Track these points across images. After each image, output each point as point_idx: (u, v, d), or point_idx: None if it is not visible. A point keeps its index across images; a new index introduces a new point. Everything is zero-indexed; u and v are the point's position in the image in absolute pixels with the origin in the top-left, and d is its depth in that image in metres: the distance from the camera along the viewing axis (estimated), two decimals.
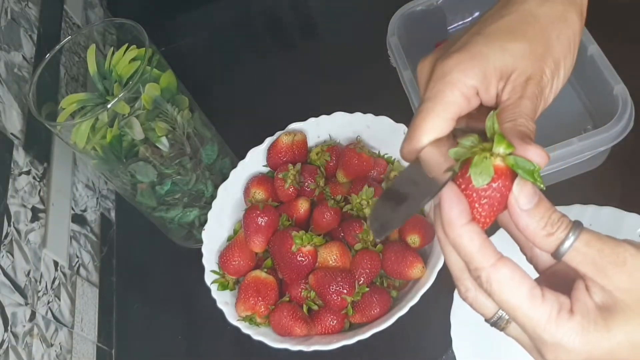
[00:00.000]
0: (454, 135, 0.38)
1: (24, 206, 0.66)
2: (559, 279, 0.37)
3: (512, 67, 0.37)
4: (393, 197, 0.40)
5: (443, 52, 0.40)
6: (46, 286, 0.66)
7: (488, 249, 0.34)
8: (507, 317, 0.36)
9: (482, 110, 0.39)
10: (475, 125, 0.39)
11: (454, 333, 0.62)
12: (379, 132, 0.72)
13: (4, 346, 0.57)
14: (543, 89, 0.38)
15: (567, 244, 0.33)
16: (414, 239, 0.64)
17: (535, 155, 0.33)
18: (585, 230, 0.34)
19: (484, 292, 0.35)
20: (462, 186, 0.35)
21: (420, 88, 0.41)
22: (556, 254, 0.34)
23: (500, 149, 0.33)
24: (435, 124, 0.37)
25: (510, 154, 0.34)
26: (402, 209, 0.37)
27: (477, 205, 0.35)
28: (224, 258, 0.67)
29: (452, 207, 0.34)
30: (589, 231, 0.34)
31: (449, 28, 0.84)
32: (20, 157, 0.68)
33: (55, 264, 0.69)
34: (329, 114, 0.74)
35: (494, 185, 0.34)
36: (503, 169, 0.34)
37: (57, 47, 0.65)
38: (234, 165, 0.73)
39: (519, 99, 0.37)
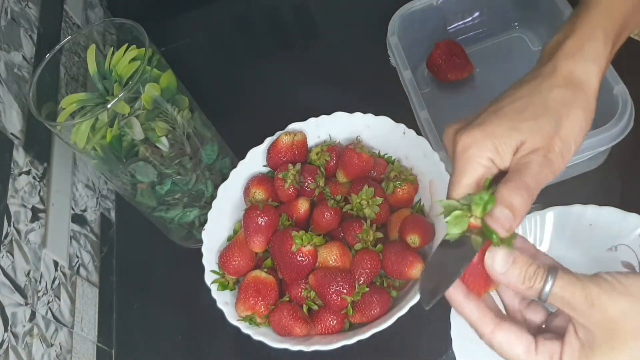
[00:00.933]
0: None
1: (24, 206, 0.66)
2: (562, 323, 0.44)
3: (521, 141, 0.44)
4: (435, 265, 0.47)
5: (464, 125, 0.47)
6: (46, 286, 0.66)
7: (485, 318, 0.43)
8: None
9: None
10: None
11: (454, 333, 0.62)
12: (379, 132, 0.72)
13: (4, 346, 0.57)
14: (552, 160, 0.43)
15: (545, 291, 0.40)
16: (414, 239, 0.64)
17: (496, 225, 0.41)
18: (560, 276, 0.40)
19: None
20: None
21: (447, 151, 0.49)
22: (541, 299, 0.40)
23: (476, 211, 0.42)
24: (462, 189, 0.45)
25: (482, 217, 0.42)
26: (446, 275, 0.43)
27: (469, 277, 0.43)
28: (224, 258, 0.67)
29: (448, 292, 0.43)
30: (564, 275, 0.40)
31: (448, 28, 0.84)
32: (20, 157, 0.68)
33: (55, 264, 0.69)
34: (329, 114, 0.74)
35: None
36: (477, 226, 0.42)
37: (57, 47, 0.65)
38: (234, 165, 0.73)
39: (527, 163, 0.43)
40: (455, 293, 0.43)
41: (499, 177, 0.45)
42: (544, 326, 0.45)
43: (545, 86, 0.46)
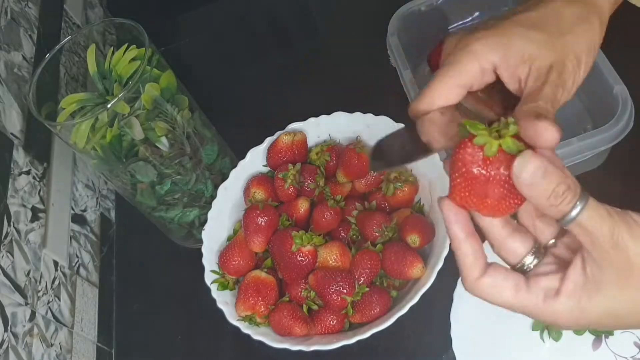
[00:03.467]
0: (458, 110, 0.41)
1: (24, 206, 0.66)
2: (569, 249, 0.40)
3: (534, 54, 0.39)
4: (384, 150, 0.45)
5: (471, 30, 0.42)
6: (46, 286, 0.66)
7: (477, 262, 0.39)
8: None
9: (492, 95, 0.42)
10: (481, 108, 0.42)
11: (454, 333, 0.62)
12: (379, 132, 0.72)
13: (4, 346, 0.57)
14: (566, 80, 0.40)
15: (570, 215, 0.35)
16: (414, 239, 0.64)
17: (543, 129, 0.35)
18: (591, 206, 0.35)
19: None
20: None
21: (442, 58, 0.43)
22: (560, 222, 0.36)
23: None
24: (447, 90, 0.40)
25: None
26: (396, 158, 0.43)
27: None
28: (223, 258, 0.67)
29: (451, 224, 0.39)
30: (595, 206, 0.35)
31: (448, 28, 0.84)
32: (20, 157, 0.68)
33: (55, 263, 0.69)
34: (329, 114, 0.74)
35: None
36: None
37: (57, 47, 0.65)
38: (234, 165, 0.73)
39: (541, 85, 0.38)
40: (458, 229, 0.39)
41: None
42: (552, 241, 0.41)
43: (560, 1, 0.42)
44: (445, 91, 0.40)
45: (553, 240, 0.41)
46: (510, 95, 0.41)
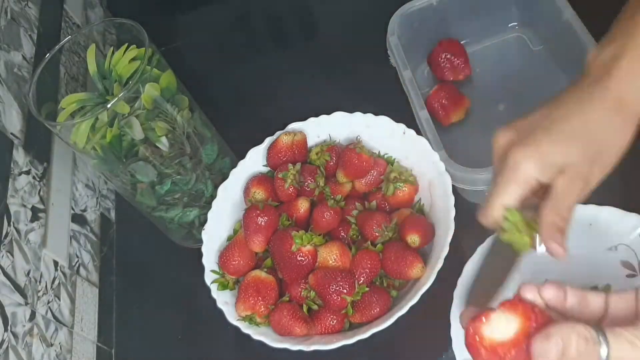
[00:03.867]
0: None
1: (24, 206, 0.66)
2: None
3: (568, 164, 0.46)
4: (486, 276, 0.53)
5: (517, 136, 0.48)
6: (46, 286, 0.66)
7: None
8: None
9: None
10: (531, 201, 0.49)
11: (454, 333, 0.62)
12: (378, 132, 0.72)
13: (4, 346, 0.57)
14: (589, 184, 0.47)
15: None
16: (413, 239, 0.64)
17: (557, 249, 0.45)
18: (613, 347, 0.36)
19: None
20: None
21: (494, 158, 0.50)
22: None
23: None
24: (507, 201, 0.48)
25: None
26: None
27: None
28: (223, 258, 0.67)
29: None
30: (617, 345, 0.36)
31: (448, 28, 0.84)
32: (20, 156, 0.68)
33: (55, 263, 0.69)
34: (329, 114, 0.74)
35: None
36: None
37: (57, 47, 0.65)
38: (234, 165, 0.73)
39: (566, 193, 0.46)
40: None
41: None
42: None
43: (598, 109, 0.47)
44: (503, 206, 0.48)
45: None
46: None
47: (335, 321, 0.63)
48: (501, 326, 0.37)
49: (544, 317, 0.38)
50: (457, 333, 0.62)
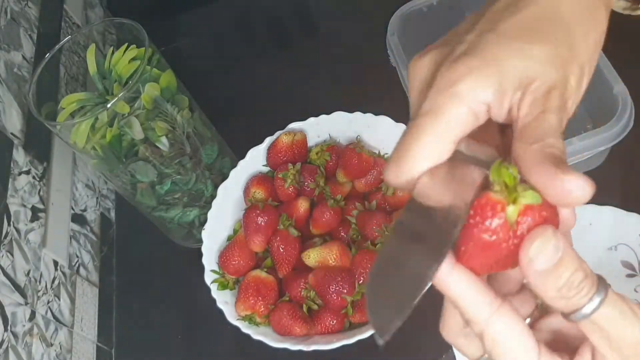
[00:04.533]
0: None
1: (24, 206, 0.66)
2: (561, 335, 0.33)
3: (534, 75, 0.30)
4: (394, 259, 0.32)
5: (446, 54, 0.32)
6: (46, 286, 0.66)
7: (484, 299, 0.29)
8: None
9: (486, 126, 0.32)
10: (475, 148, 0.32)
11: None
12: (378, 132, 0.72)
13: (4, 346, 0.57)
14: (567, 100, 0.31)
15: (583, 312, 0.28)
16: None
17: (576, 187, 0.27)
18: (610, 301, 0.28)
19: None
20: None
21: (411, 94, 0.33)
22: (567, 317, 0.29)
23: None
24: (434, 148, 0.30)
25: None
26: (407, 285, 0.31)
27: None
28: (223, 258, 0.67)
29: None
30: (615, 301, 0.28)
31: (448, 28, 0.84)
32: (20, 156, 0.68)
33: (55, 263, 0.69)
34: (328, 113, 0.74)
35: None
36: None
37: (57, 46, 0.65)
38: (234, 165, 0.73)
39: (542, 114, 0.29)
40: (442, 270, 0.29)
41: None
42: (528, 321, 0.34)
43: None
44: (430, 151, 0.30)
45: (528, 320, 0.34)
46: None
47: (335, 321, 0.63)
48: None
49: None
50: None
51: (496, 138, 0.33)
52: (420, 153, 0.30)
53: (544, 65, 0.30)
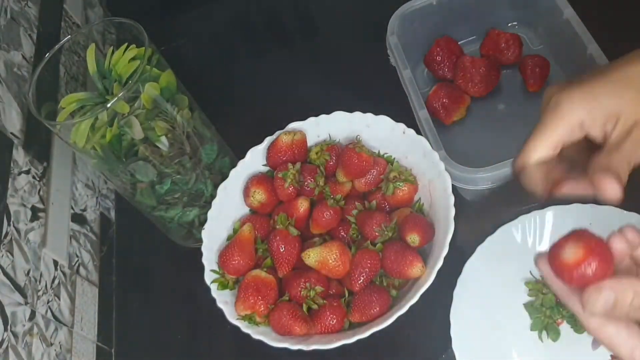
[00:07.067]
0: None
1: (24, 205, 0.66)
2: None
3: (620, 110, 0.43)
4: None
5: (568, 83, 0.46)
6: (46, 285, 0.66)
7: None
8: None
9: (586, 145, 0.46)
10: (578, 157, 0.46)
11: (453, 333, 0.62)
12: (378, 132, 0.72)
13: (4, 345, 0.57)
14: None
15: None
16: (413, 238, 0.64)
17: (607, 185, 0.41)
18: None
19: None
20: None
21: (541, 109, 0.47)
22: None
23: None
24: (541, 148, 0.45)
25: None
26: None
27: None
28: (223, 257, 0.67)
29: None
30: None
31: (448, 27, 0.84)
32: (19, 156, 0.68)
33: (55, 263, 0.69)
34: (328, 113, 0.74)
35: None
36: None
37: (57, 46, 0.65)
38: (234, 165, 0.73)
39: (622, 142, 0.42)
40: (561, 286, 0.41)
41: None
42: None
43: None
44: (539, 150, 0.45)
45: None
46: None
47: (334, 320, 0.63)
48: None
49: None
50: (457, 333, 0.62)
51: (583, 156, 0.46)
52: (532, 151, 0.45)
53: (628, 105, 0.43)
